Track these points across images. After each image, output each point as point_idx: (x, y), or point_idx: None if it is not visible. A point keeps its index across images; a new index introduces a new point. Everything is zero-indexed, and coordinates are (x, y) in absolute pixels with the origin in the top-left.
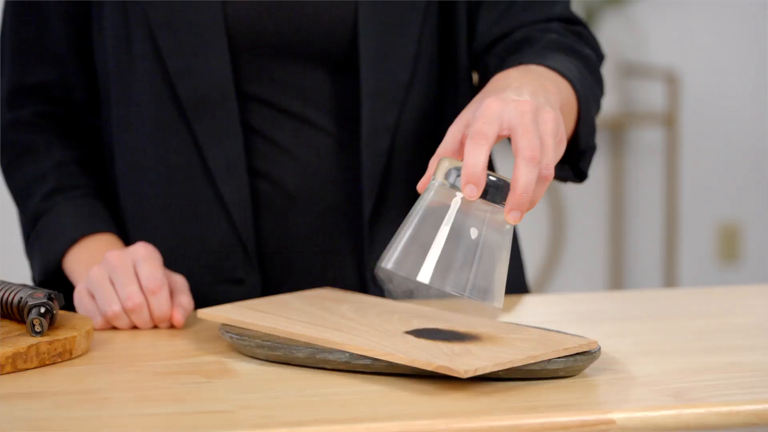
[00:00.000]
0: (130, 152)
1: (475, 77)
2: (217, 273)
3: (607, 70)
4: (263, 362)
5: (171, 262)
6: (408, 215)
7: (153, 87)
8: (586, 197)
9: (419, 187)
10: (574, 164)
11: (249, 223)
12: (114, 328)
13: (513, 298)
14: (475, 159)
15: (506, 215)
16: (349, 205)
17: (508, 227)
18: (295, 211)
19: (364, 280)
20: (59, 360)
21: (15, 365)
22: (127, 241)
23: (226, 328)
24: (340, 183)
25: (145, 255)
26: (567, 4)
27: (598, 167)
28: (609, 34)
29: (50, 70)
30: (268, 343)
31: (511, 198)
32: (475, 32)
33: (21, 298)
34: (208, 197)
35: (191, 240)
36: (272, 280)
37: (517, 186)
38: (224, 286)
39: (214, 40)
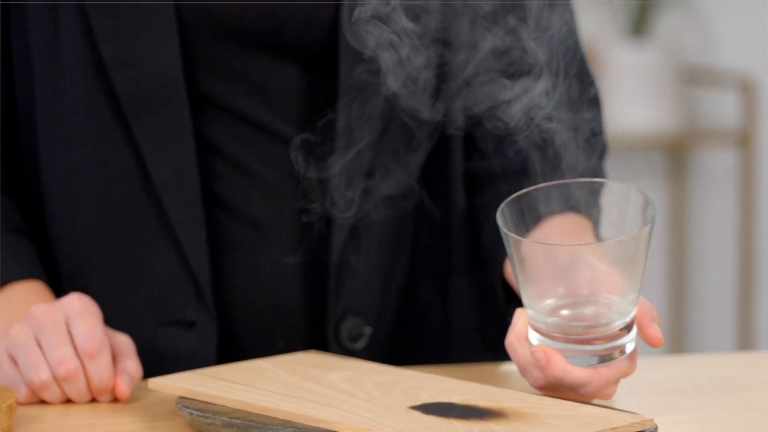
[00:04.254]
0: (59, 158)
1: None
2: (162, 312)
3: (667, 78)
4: None
5: (106, 296)
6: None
7: (84, 79)
8: None
9: None
10: None
11: (202, 251)
12: (42, 401)
13: None
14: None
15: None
16: (320, 243)
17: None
18: (261, 244)
19: (326, 336)
20: None
21: None
22: (54, 270)
23: (185, 402)
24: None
25: (80, 309)
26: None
27: (655, 197)
28: (669, 33)
29: None
30: (238, 420)
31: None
32: None
33: None
34: (151, 215)
35: (130, 267)
36: (231, 327)
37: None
38: (170, 330)
39: (160, 23)
